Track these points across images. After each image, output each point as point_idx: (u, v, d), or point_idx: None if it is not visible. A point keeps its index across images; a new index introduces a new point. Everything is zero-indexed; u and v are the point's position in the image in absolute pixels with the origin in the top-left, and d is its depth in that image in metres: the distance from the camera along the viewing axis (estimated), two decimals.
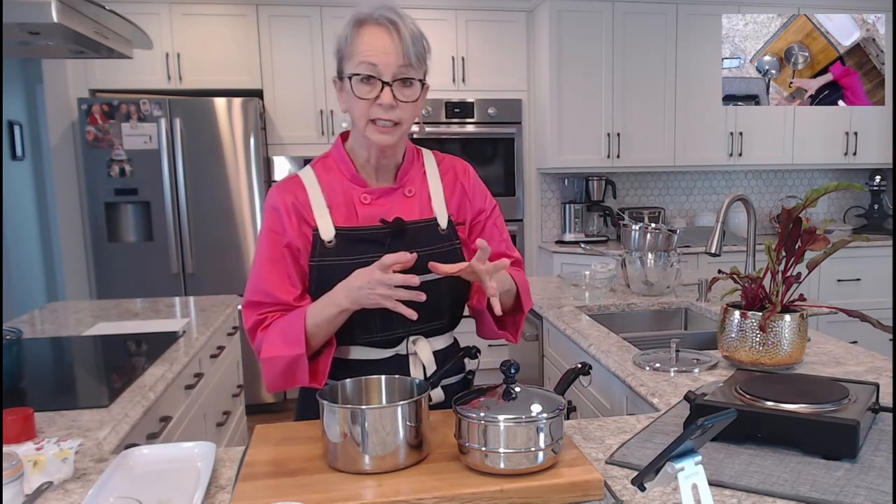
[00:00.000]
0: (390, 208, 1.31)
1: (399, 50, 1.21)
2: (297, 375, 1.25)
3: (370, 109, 1.23)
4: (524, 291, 1.37)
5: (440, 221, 1.34)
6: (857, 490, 0.97)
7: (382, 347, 1.32)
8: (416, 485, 0.96)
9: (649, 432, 1.21)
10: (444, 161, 1.42)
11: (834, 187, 1.47)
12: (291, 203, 1.29)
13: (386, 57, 1.20)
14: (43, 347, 2.08)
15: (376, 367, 1.30)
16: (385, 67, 1.20)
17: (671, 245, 2.48)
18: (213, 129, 3.92)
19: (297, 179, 1.33)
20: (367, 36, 1.21)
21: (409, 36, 1.22)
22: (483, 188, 1.45)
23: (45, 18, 1.66)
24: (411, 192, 1.34)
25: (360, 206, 1.31)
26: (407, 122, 1.26)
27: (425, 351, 1.33)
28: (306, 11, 4.15)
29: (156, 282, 3.93)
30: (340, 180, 1.33)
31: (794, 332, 1.50)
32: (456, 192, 1.39)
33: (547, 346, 2.42)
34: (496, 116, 4.40)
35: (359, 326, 1.28)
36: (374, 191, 1.32)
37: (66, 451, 1.09)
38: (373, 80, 1.21)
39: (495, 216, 1.44)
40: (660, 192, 4.84)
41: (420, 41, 1.25)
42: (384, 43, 1.20)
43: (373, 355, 1.32)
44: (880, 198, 4.77)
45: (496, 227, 1.44)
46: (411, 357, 1.33)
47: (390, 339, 1.31)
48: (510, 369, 1.05)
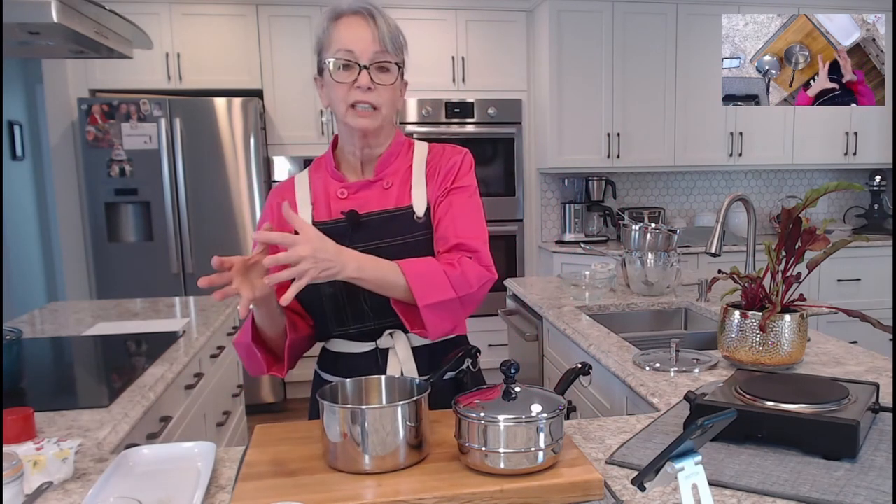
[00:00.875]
0: (367, 201, 1.33)
1: (375, 37, 1.25)
2: (256, 362, 1.30)
3: (349, 94, 1.26)
4: (420, 287, 1.20)
5: (416, 209, 1.32)
6: (857, 490, 0.97)
7: (360, 340, 1.34)
8: (416, 485, 0.96)
9: (649, 432, 1.21)
10: (434, 149, 1.40)
11: (834, 187, 1.47)
12: (278, 203, 1.35)
13: (363, 43, 1.24)
14: (43, 347, 2.08)
15: (356, 360, 1.34)
16: (362, 53, 1.24)
17: (671, 245, 2.48)
18: (213, 129, 3.92)
19: (291, 180, 1.40)
20: (343, 26, 1.26)
21: (384, 24, 1.26)
22: (455, 169, 1.35)
23: (45, 18, 1.66)
24: (389, 185, 1.34)
25: (335, 200, 1.34)
26: (386, 106, 1.28)
27: (402, 346, 1.33)
28: (306, 11, 4.15)
29: (156, 282, 3.93)
30: (324, 177, 1.37)
31: (794, 332, 1.50)
32: (437, 178, 1.36)
33: (547, 346, 2.42)
34: (496, 116, 4.40)
35: (333, 319, 1.32)
36: (351, 185, 1.35)
37: (66, 451, 1.09)
38: (351, 66, 1.25)
39: (454, 196, 1.33)
40: (660, 192, 4.84)
41: (396, 32, 1.29)
42: (361, 31, 1.25)
43: (352, 348, 1.35)
44: (880, 198, 4.77)
45: (449, 206, 1.32)
46: (390, 351, 1.34)
47: (365, 331, 1.33)
48: (510, 369, 1.05)
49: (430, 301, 1.20)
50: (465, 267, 1.25)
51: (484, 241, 1.31)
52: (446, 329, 1.26)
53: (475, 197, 1.35)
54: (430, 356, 1.35)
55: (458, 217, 1.31)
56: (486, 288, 1.28)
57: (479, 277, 1.26)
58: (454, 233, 1.29)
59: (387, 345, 1.34)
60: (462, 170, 1.35)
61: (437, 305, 1.21)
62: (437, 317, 1.22)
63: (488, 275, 1.28)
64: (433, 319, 1.22)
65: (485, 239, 1.31)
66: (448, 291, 1.22)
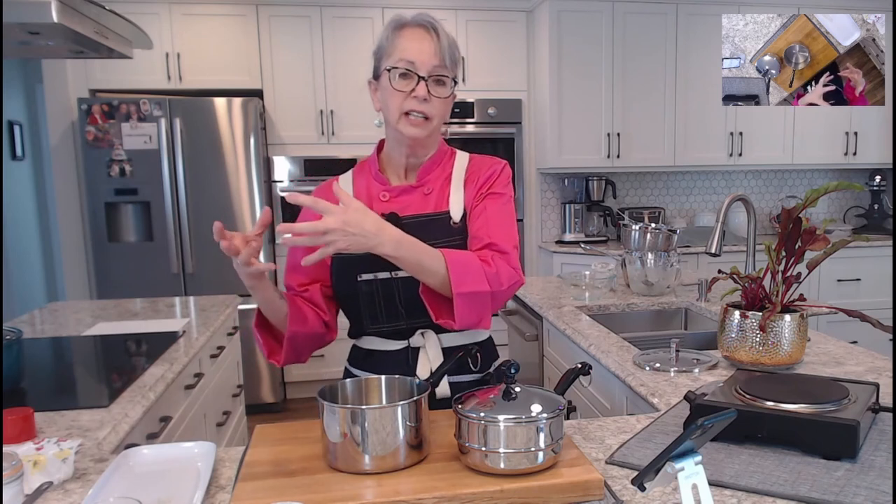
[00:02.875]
0: (408, 205, 1.37)
1: (436, 50, 1.29)
2: (260, 346, 1.36)
3: (404, 102, 1.30)
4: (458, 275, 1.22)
5: (453, 215, 1.36)
6: (857, 490, 0.97)
7: (392, 338, 1.39)
8: (416, 485, 0.96)
9: (649, 432, 1.21)
10: (475, 159, 1.44)
11: (834, 187, 1.47)
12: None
13: (423, 55, 1.29)
14: (43, 347, 2.08)
15: (388, 357, 1.39)
16: (422, 64, 1.29)
17: (671, 245, 2.48)
18: (213, 129, 3.92)
19: (329, 183, 1.41)
20: (407, 36, 1.31)
21: (445, 39, 1.31)
22: (493, 178, 1.39)
23: (45, 18, 1.66)
24: (429, 191, 1.39)
25: (377, 202, 1.38)
26: (437, 118, 1.33)
27: (433, 345, 1.37)
28: (306, 11, 4.15)
29: (156, 282, 3.93)
30: (368, 180, 1.42)
31: (794, 332, 1.50)
32: (475, 185, 1.40)
33: (547, 346, 2.42)
34: (496, 116, 4.40)
35: (367, 316, 1.37)
36: (393, 189, 1.39)
37: (66, 451, 1.09)
38: (409, 75, 1.29)
39: (489, 201, 1.37)
40: (660, 192, 4.84)
41: (454, 48, 1.34)
42: (423, 43, 1.30)
43: (385, 346, 1.40)
44: (880, 198, 4.77)
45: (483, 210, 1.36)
46: (421, 350, 1.37)
47: (397, 329, 1.38)
48: (510, 369, 1.05)
49: (466, 290, 1.22)
50: (499, 265, 1.28)
51: (514, 245, 1.35)
52: (472, 321, 1.27)
53: (509, 205, 1.39)
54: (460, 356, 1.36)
55: (492, 220, 1.35)
56: (514, 289, 1.32)
57: (509, 277, 1.29)
58: (487, 233, 1.33)
59: (418, 344, 1.38)
60: (500, 179, 1.40)
61: (471, 295, 1.23)
62: (468, 307, 1.24)
63: (517, 276, 1.31)
64: (463, 308, 1.23)
65: (515, 244, 1.35)
66: (483, 284, 1.24)
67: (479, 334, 1.45)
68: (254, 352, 3.92)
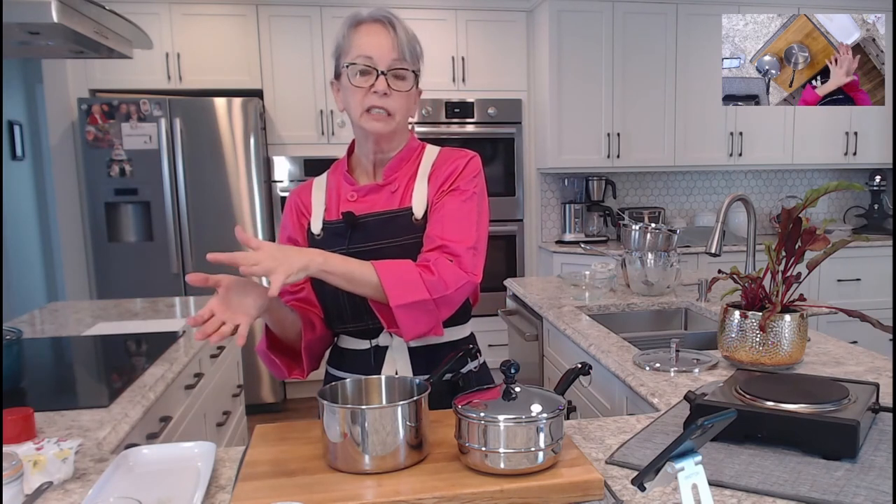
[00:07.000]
0: (374, 204, 1.36)
1: (394, 45, 1.28)
2: (276, 368, 1.35)
3: (365, 98, 1.29)
4: (392, 287, 1.20)
5: (415, 211, 1.33)
6: (857, 490, 0.97)
7: (359, 337, 1.38)
8: (416, 485, 0.96)
9: (649, 432, 1.21)
10: (443, 153, 1.40)
11: (834, 187, 1.47)
12: (295, 203, 1.44)
13: (381, 50, 1.28)
14: (43, 347, 2.08)
15: (357, 357, 1.39)
16: (380, 59, 1.28)
17: (671, 245, 2.48)
18: (213, 129, 3.92)
19: (310, 182, 1.46)
20: (363, 32, 1.30)
21: (403, 33, 1.30)
22: (456, 172, 1.34)
23: (45, 18, 1.66)
24: (396, 188, 1.37)
25: (344, 202, 1.38)
26: (399, 113, 1.32)
27: (398, 345, 1.35)
28: (306, 11, 4.15)
29: (156, 282, 3.93)
30: (338, 180, 1.42)
31: (794, 332, 1.50)
32: (438, 180, 1.35)
33: (547, 346, 2.42)
34: (496, 116, 4.40)
35: (335, 316, 1.37)
36: (360, 188, 1.38)
37: (66, 451, 1.09)
38: (368, 71, 1.28)
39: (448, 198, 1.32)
40: (660, 192, 4.84)
41: (414, 41, 1.33)
42: (380, 38, 1.29)
43: (354, 345, 1.40)
44: (880, 198, 4.77)
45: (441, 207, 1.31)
46: (388, 350, 1.36)
47: (364, 329, 1.36)
48: (510, 369, 1.05)
49: (403, 301, 1.20)
50: (441, 268, 1.24)
51: (468, 246, 1.29)
52: (421, 330, 1.25)
53: (470, 203, 1.32)
54: (429, 356, 1.35)
55: (448, 219, 1.30)
56: (465, 291, 1.27)
57: (456, 279, 1.24)
58: (440, 234, 1.28)
59: (385, 343, 1.36)
60: (464, 173, 1.34)
61: (411, 306, 1.20)
62: (411, 317, 1.21)
63: (466, 277, 1.26)
64: (406, 320, 1.21)
65: (470, 244, 1.29)
66: (422, 292, 1.21)
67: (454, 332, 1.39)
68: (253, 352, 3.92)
